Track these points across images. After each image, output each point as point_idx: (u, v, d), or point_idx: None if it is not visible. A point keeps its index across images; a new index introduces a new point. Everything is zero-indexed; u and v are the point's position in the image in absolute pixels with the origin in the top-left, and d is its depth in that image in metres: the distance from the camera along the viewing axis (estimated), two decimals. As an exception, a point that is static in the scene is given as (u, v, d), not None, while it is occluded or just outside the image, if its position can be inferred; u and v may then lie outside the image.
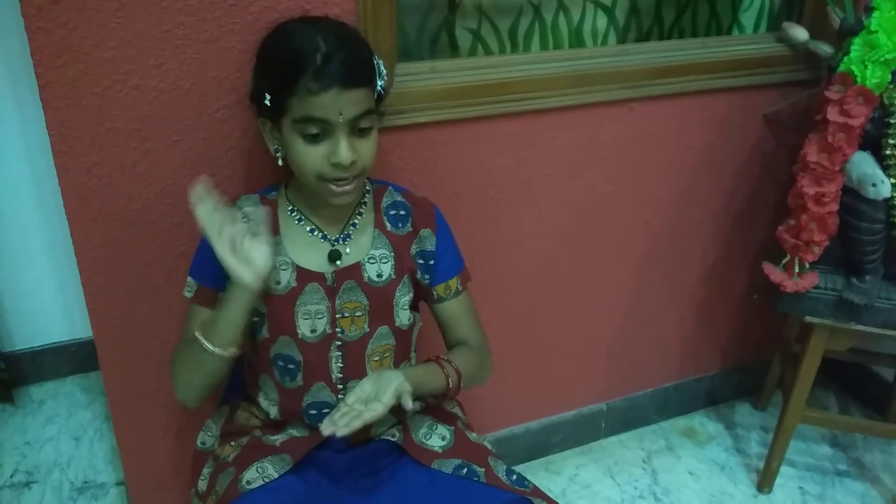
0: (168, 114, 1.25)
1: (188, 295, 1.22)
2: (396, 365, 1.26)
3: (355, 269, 1.21)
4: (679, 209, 1.81)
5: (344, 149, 1.09)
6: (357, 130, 1.11)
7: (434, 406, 1.34)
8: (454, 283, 1.29)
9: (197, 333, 1.13)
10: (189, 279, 1.22)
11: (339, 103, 1.07)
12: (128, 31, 1.17)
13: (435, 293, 1.28)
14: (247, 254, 1.10)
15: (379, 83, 1.15)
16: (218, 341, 1.12)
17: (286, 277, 1.19)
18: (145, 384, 1.43)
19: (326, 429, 1.06)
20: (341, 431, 1.05)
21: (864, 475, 1.97)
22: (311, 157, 1.10)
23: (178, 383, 1.20)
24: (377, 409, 1.08)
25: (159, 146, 1.26)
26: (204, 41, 1.22)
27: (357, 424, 1.06)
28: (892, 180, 1.49)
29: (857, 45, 1.46)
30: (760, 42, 1.73)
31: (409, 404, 1.11)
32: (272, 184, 1.27)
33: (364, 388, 1.11)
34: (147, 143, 1.26)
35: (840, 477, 1.96)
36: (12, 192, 1.97)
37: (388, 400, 1.09)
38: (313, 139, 1.09)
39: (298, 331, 1.19)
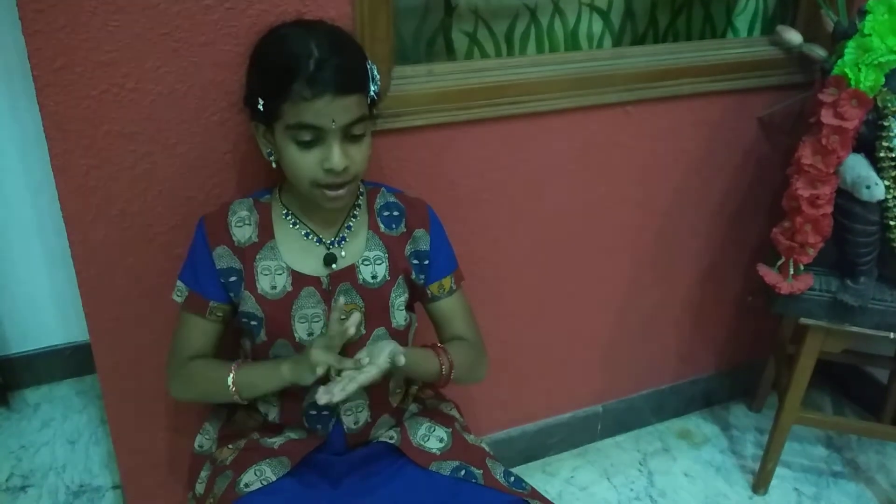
0: (165, 117, 1.25)
1: (178, 299, 1.22)
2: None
3: (350, 272, 1.21)
4: (674, 211, 1.82)
5: (337, 155, 1.09)
6: (350, 136, 1.11)
7: (431, 408, 1.34)
8: (448, 281, 1.30)
9: (232, 387, 1.17)
10: (179, 283, 1.22)
11: (331, 110, 1.07)
12: (125, 35, 1.17)
13: (429, 292, 1.29)
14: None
15: (372, 89, 1.15)
16: (247, 397, 1.20)
17: (281, 282, 1.19)
18: (142, 387, 1.43)
19: (322, 398, 1.05)
20: (337, 396, 1.05)
21: (858, 476, 1.98)
22: (304, 162, 1.10)
23: (179, 392, 1.21)
24: (372, 372, 1.08)
25: (156, 149, 1.27)
26: (201, 44, 1.22)
27: (352, 388, 1.06)
28: (886, 182, 1.50)
29: (850, 49, 1.47)
30: (755, 45, 1.74)
31: (401, 360, 1.10)
32: (266, 187, 1.27)
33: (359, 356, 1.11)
34: (144, 147, 1.26)
35: (835, 478, 1.97)
36: (8, 196, 1.96)
37: (382, 362, 1.09)
38: (306, 145, 1.10)
39: (295, 334, 1.20)
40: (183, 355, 1.23)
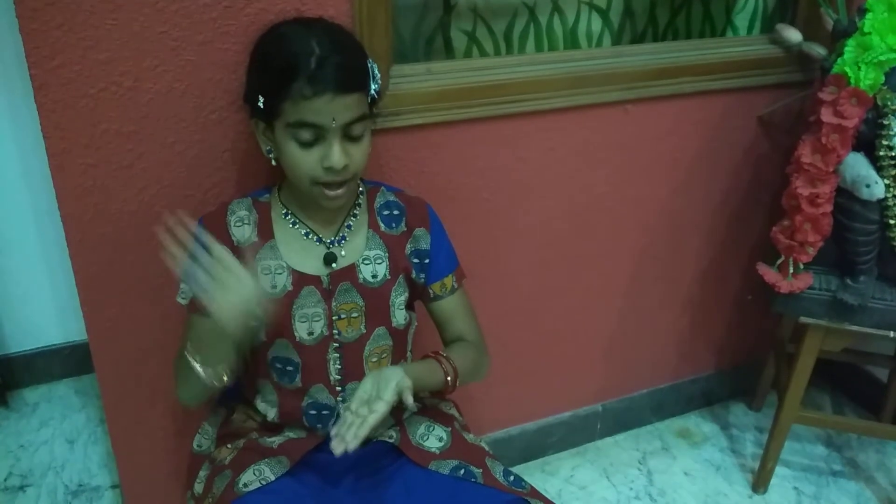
0: (163, 116, 1.24)
1: (182, 301, 1.21)
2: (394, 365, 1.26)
3: (350, 271, 1.21)
4: (674, 210, 1.82)
5: (337, 153, 1.09)
6: (350, 135, 1.11)
7: (431, 407, 1.34)
8: (449, 280, 1.30)
9: (192, 360, 1.10)
10: (183, 285, 1.22)
11: (332, 108, 1.06)
12: (123, 33, 1.17)
13: (431, 291, 1.29)
14: (226, 293, 1.03)
15: (373, 87, 1.15)
16: (209, 372, 1.10)
17: (282, 281, 1.19)
18: (140, 386, 1.43)
19: (338, 448, 1.06)
20: (352, 445, 1.06)
21: (858, 475, 1.98)
22: (304, 160, 1.10)
23: (180, 391, 1.20)
24: (381, 409, 1.08)
25: (154, 148, 1.26)
26: (199, 43, 1.22)
27: (364, 432, 1.07)
28: (886, 181, 1.50)
29: (850, 47, 1.47)
30: (754, 44, 1.74)
31: (410, 400, 1.10)
32: (265, 186, 1.27)
33: (365, 387, 1.11)
34: (142, 146, 1.25)
35: (835, 477, 1.97)
36: (6, 195, 1.96)
37: (390, 397, 1.09)
38: (306, 143, 1.09)
39: (295, 334, 1.19)
40: None
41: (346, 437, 1.06)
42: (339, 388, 1.22)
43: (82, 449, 1.95)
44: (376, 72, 1.17)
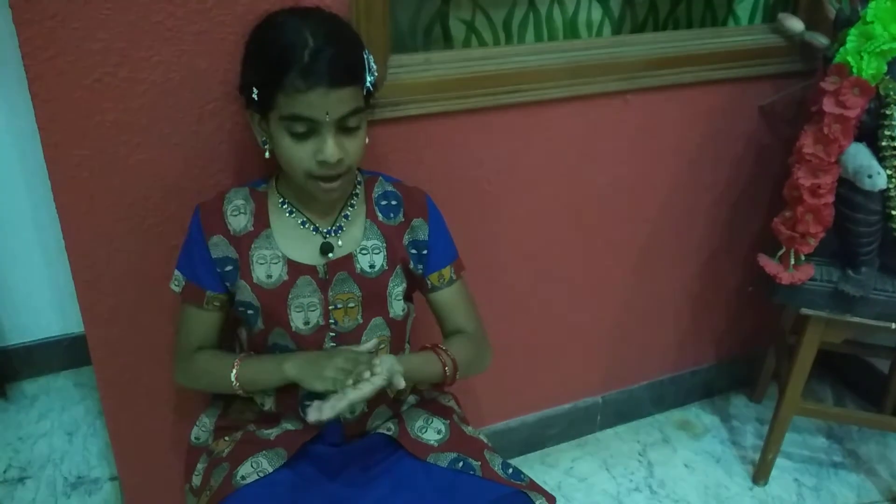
0: (159, 106, 1.24)
1: (175, 289, 1.22)
2: (392, 356, 1.26)
3: (347, 261, 1.20)
4: (675, 201, 1.81)
5: (331, 147, 1.08)
6: (344, 128, 1.10)
7: (429, 400, 1.33)
8: (448, 271, 1.29)
9: (234, 382, 1.18)
10: (176, 272, 1.21)
11: (326, 102, 1.05)
12: (118, 23, 1.16)
13: (429, 282, 1.28)
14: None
15: (368, 80, 1.13)
16: (250, 391, 1.20)
17: (277, 271, 1.18)
18: (138, 378, 1.42)
19: (312, 416, 1.05)
20: (326, 414, 1.04)
21: (859, 467, 1.97)
22: (298, 154, 1.09)
23: (185, 381, 1.21)
24: (364, 388, 1.07)
25: (150, 139, 1.25)
26: (195, 32, 1.21)
27: (342, 405, 1.05)
28: (888, 171, 1.49)
29: (852, 36, 1.45)
30: (756, 33, 1.73)
31: (400, 383, 1.09)
32: (262, 176, 1.26)
33: (358, 370, 1.10)
34: (138, 136, 1.24)
35: (836, 469, 1.97)
36: (2, 187, 1.95)
37: (378, 380, 1.08)
38: (300, 136, 1.08)
39: (292, 323, 1.19)
40: (187, 346, 1.23)
41: (323, 407, 1.05)
42: (335, 380, 1.22)
43: (81, 441, 1.95)
44: (372, 63, 1.15)
